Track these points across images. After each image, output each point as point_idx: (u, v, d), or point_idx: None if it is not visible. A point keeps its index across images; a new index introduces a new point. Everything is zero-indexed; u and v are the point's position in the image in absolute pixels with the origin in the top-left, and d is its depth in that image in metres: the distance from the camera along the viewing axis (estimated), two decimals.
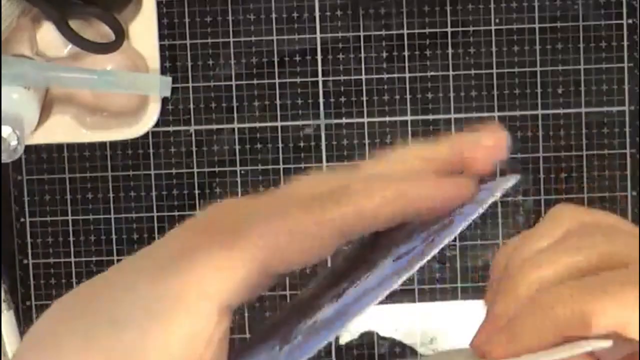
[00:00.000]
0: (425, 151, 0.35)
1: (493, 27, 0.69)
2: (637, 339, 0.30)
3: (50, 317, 0.32)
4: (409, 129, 0.70)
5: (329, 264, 0.41)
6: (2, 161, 0.63)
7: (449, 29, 0.69)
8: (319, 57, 0.69)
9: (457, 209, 0.33)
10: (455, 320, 0.70)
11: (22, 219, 0.70)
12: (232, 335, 0.75)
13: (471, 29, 0.69)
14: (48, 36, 0.68)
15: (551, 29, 0.69)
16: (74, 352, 0.30)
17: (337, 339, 0.71)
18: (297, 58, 0.69)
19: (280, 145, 0.70)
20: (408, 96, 0.69)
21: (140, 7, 0.68)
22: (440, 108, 0.70)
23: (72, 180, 0.70)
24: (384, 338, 0.70)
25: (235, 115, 0.70)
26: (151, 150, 0.70)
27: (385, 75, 0.69)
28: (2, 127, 0.62)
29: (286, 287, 0.70)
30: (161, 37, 0.69)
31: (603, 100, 0.69)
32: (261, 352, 0.33)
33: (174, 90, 0.69)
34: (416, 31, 0.69)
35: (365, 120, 0.70)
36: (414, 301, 0.70)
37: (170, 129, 0.70)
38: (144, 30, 0.68)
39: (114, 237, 0.70)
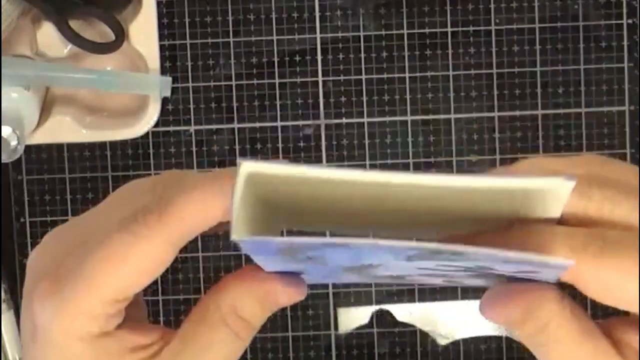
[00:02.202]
0: None
1: (493, 27, 0.69)
2: None
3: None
4: (409, 129, 0.70)
5: None
6: (2, 161, 0.62)
7: (449, 29, 0.69)
8: (319, 57, 0.69)
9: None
10: (454, 320, 0.70)
11: (22, 219, 0.70)
12: None
13: (471, 29, 0.69)
14: (48, 36, 0.68)
15: (551, 29, 0.69)
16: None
17: (337, 338, 0.70)
18: (297, 58, 0.69)
19: (280, 145, 0.70)
20: (408, 96, 0.69)
21: (140, 7, 0.68)
22: (440, 108, 0.69)
23: (72, 180, 0.70)
24: (383, 337, 0.70)
25: (235, 115, 0.70)
26: (151, 150, 0.70)
27: (385, 75, 0.69)
28: (2, 127, 0.62)
29: None
30: (161, 37, 0.69)
31: (603, 100, 0.69)
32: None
33: (174, 90, 0.69)
34: (416, 31, 0.69)
35: (365, 120, 0.70)
36: (413, 301, 0.70)
37: (170, 129, 0.70)
38: (144, 30, 0.68)
39: None
